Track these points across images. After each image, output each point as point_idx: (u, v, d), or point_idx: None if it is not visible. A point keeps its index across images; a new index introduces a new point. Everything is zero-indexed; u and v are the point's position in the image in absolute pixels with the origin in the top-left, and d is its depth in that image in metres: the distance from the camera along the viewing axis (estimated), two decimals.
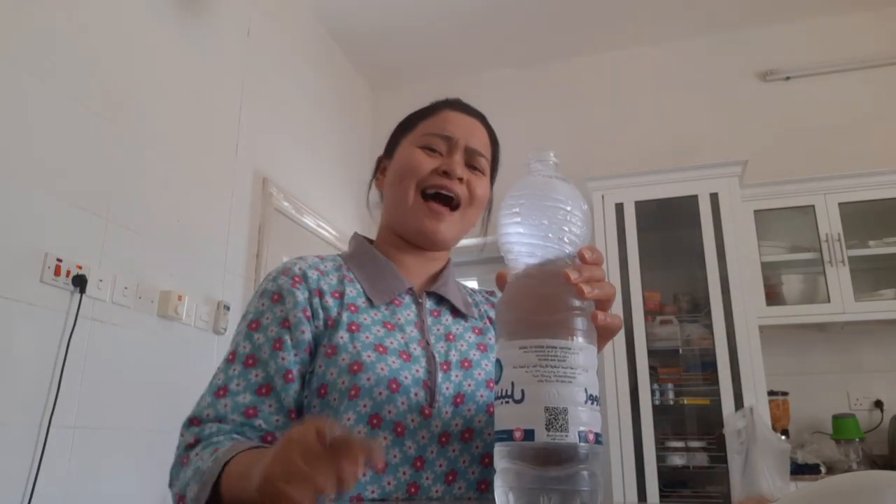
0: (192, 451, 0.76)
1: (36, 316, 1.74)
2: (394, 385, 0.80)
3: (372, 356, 0.81)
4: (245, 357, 0.83)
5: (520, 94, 3.83)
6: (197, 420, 0.80)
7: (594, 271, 0.55)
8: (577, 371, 0.50)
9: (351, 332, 0.84)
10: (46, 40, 1.84)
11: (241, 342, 0.85)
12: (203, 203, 2.47)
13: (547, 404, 0.49)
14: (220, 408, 0.79)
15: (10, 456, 1.64)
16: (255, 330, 0.85)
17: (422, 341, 0.87)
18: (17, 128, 1.74)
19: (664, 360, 2.96)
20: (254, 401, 0.80)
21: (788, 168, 3.17)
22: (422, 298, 0.93)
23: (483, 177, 0.97)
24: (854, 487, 0.43)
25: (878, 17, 3.34)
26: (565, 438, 0.48)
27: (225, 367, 0.84)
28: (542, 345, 0.51)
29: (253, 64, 2.86)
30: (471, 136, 0.96)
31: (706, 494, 2.75)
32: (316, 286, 0.87)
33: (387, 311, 0.89)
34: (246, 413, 0.79)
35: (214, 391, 0.82)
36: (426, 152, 0.94)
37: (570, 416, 0.49)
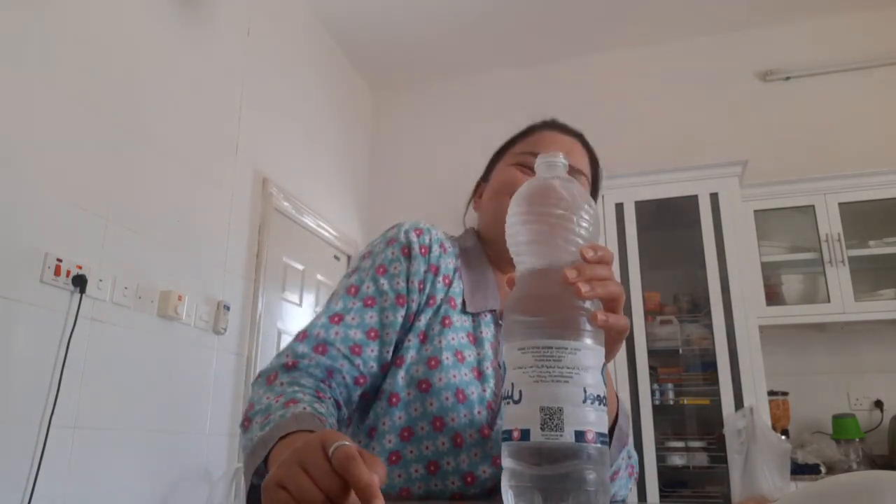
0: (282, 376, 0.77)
1: (36, 316, 1.74)
2: (461, 395, 0.81)
3: (450, 359, 0.83)
4: (367, 296, 0.85)
5: (519, 94, 3.83)
6: (305, 335, 0.81)
7: (597, 270, 0.54)
8: (575, 371, 0.50)
9: (443, 325, 0.86)
10: (47, 40, 1.84)
11: (366, 280, 0.86)
12: (203, 203, 2.47)
13: (542, 404, 0.49)
14: (331, 333, 0.81)
15: (10, 456, 1.64)
16: (382, 274, 0.87)
17: (494, 361, 0.88)
18: (18, 128, 1.74)
19: (664, 360, 2.96)
20: (362, 339, 0.82)
21: (788, 168, 3.17)
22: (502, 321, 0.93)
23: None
24: (854, 487, 0.43)
25: (878, 17, 3.34)
26: (560, 438, 0.48)
27: (345, 296, 0.85)
28: (538, 345, 0.51)
29: (253, 64, 2.86)
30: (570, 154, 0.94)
31: (706, 494, 2.75)
32: (435, 263, 0.89)
33: (473, 321, 0.90)
34: (352, 349, 0.81)
35: (330, 315, 0.83)
36: (522, 169, 0.94)
37: (565, 415, 0.49)
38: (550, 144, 0.95)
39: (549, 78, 3.82)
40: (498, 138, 1.05)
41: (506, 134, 1.05)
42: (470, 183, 1.07)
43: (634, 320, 2.91)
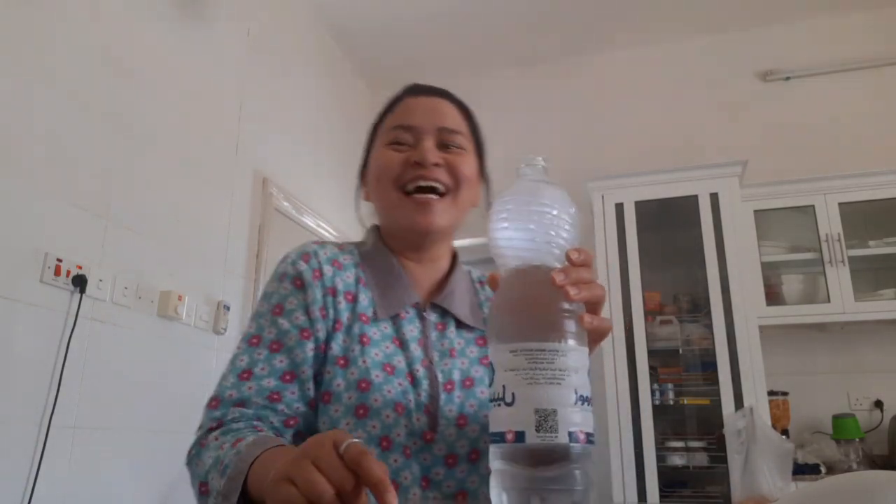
0: (212, 435, 0.75)
1: (36, 316, 1.74)
2: (399, 408, 0.80)
3: (380, 376, 0.81)
4: (270, 342, 0.82)
5: (520, 94, 3.83)
6: (218, 400, 0.79)
7: (582, 273, 0.55)
8: (566, 373, 0.51)
9: (363, 344, 0.83)
10: (46, 40, 1.84)
11: (265, 325, 0.84)
12: (203, 203, 2.47)
13: (537, 406, 0.50)
14: (245, 390, 0.79)
15: (10, 456, 1.64)
16: (280, 314, 0.84)
17: (425, 360, 0.86)
18: (18, 128, 1.74)
19: (664, 360, 2.96)
20: (278, 386, 0.79)
21: (788, 168, 3.17)
22: (426, 312, 0.90)
23: (464, 153, 0.91)
24: (854, 487, 0.43)
25: (878, 17, 3.34)
26: (555, 439, 0.49)
27: (249, 349, 0.83)
28: (532, 348, 0.51)
29: (253, 64, 2.86)
30: (437, 116, 0.91)
31: (706, 494, 2.75)
32: (331, 284, 0.86)
33: (393, 325, 0.88)
34: (270, 397, 0.79)
35: (238, 373, 0.80)
36: (394, 148, 0.90)
37: (559, 417, 0.49)
38: (415, 110, 0.91)
39: (549, 78, 3.82)
40: (498, 138, 1.05)
41: (506, 134, 1.04)
42: None
43: (634, 320, 2.91)
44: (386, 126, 0.94)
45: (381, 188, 0.90)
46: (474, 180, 0.93)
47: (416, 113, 0.91)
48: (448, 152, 0.90)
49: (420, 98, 0.94)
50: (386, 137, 0.92)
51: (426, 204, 0.87)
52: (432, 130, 0.90)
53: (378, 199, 0.93)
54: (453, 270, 0.96)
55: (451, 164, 0.89)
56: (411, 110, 0.92)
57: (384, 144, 0.92)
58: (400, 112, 0.93)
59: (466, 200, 0.92)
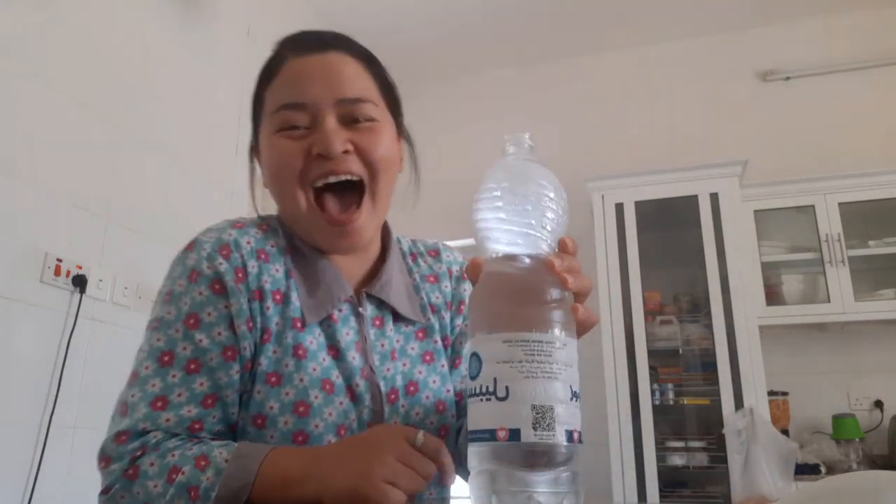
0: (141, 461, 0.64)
1: (36, 316, 1.74)
2: (342, 431, 0.72)
3: (319, 397, 0.71)
4: (187, 360, 0.69)
5: (520, 94, 3.83)
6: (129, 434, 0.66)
7: (573, 262, 0.52)
8: (562, 367, 0.47)
9: (297, 357, 0.72)
10: (46, 40, 1.84)
11: (178, 340, 0.70)
12: (203, 203, 2.47)
13: (534, 402, 0.46)
14: (161, 422, 0.67)
15: (10, 456, 1.64)
16: (195, 328, 0.70)
17: (364, 369, 0.76)
18: (18, 128, 1.74)
19: (664, 360, 2.96)
20: (200, 413, 0.68)
21: (788, 168, 3.17)
22: (362, 307, 0.79)
23: (375, 126, 0.76)
24: (854, 487, 0.43)
25: (878, 17, 3.34)
26: (553, 438, 0.46)
27: (160, 371, 0.69)
28: (529, 339, 0.47)
29: (253, 64, 2.85)
30: (333, 83, 0.74)
31: (706, 494, 2.75)
32: (256, 286, 0.73)
33: (328, 329, 0.76)
34: (191, 428, 0.68)
35: (150, 401, 0.68)
36: (287, 135, 0.74)
37: (556, 414, 0.46)
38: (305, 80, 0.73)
39: (549, 78, 3.82)
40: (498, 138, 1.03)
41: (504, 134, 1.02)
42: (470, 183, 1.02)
43: (634, 320, 2.91)
44: (270, 102, 0.76)
45: (283, 187, 0.75)
46: (394, 155, 0.79)
47: (307, 83, 0.73)
48: (356, 129, 0.74)
49: (307, 58, 0.75)
50: (274, 120, 0.75)
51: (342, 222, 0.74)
52: (331, 104, 0.73)
53: (282, 201, 0.77)
54: (387, 254, 0.84)
55: (363, 148, 0.74)
56: (300, 80, 0.74)
57: (274, 130, 0.75)
58: (284, 83, 0.75)
59: (389, 183, 0.78)
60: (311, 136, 0.73)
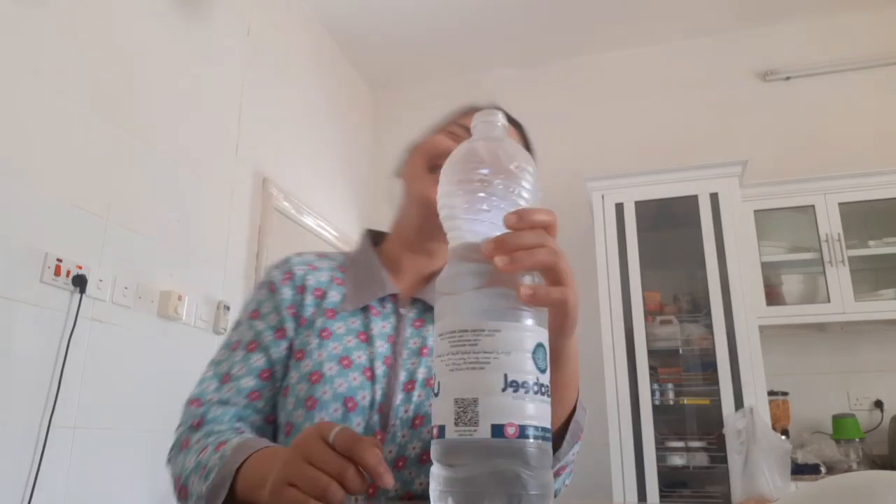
0: (193, 435, 0.76)
1: (36, 316, 1.74)
2: (350, 404, 0.77)
3: (333, 369, 0.79)
4: (248, 343, 0.85)
5: (520, 94, 3.82)
6: (199, 401, 0.80)
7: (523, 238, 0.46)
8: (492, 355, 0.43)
9: (321, 338, 0.83)
10: (46, 40, 1.84)
11: (244, 331, 0.86)
12: (203, 203, 2.47)
13: (456, 396, 0.43)
14: (224, 392, 0.80)
15: (10, 456, 1.64)
16: (256, 318, 0.87)
17: (388, 358, 0.82)
18: (18, 128, 1.74)
19: (664, 360, 2.96)
20: (257, 384, 0.81)
21: (788, 168, 3.17)
22: (405, 308, 0.88)
23: None
24: (854, 487, 0.43)
25: (878, 17, 3.34)
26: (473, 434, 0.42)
27: (229, 353, 0.85)
28: (455, 329, 0.45)
29: (253, 64, 2.86)
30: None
31: (706, 494, 2.75)
32: (301, 283, 0.89)
33: (363, 318, 0.86)
34: (251, 396, 0.80)
35: (220, 377, 0.82)
36: (445, 135, 0.92)
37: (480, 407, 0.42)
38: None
39: (549, 78, 3.82)
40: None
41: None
42: None
43: (634, 320, 2.91)
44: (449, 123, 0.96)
45: (417, 162, 0.92)
46: None
47: None
48: None
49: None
50: (446, 130, 0.94)
51: None
52: None
53: (408, 172, 0.94)
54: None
55: None
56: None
57: (441, 132, 0.94)
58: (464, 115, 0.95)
59: None
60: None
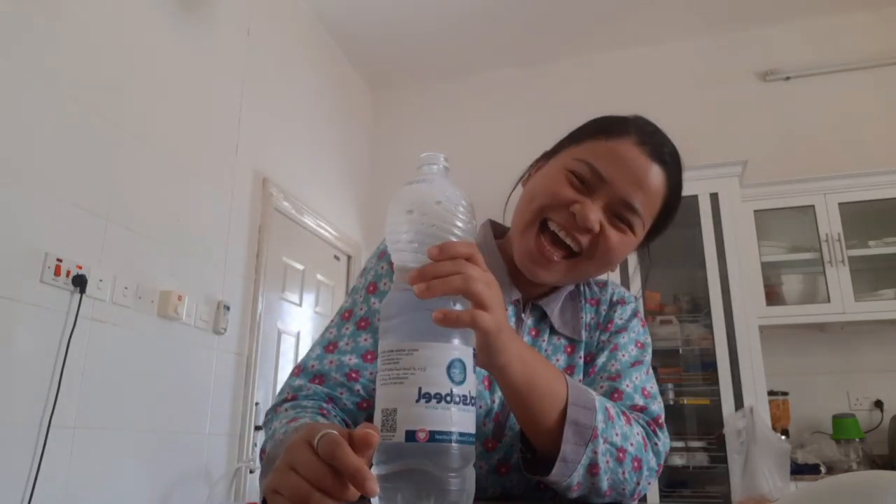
0: (285, 405, 0.77)
1: (36, 316, 1.74)
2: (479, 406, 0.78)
3: None
4: (359, 318, 0.83)
5: (519, 94, 3.82)
6: (301, 369, 0.81)
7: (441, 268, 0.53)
8: (409, 372, 0.51)
9: None
10: (46, 40, 1.84)
11: (358, 302, 0.85)
12: (203, 203, 2.47)
13: (382, 406, 0.52)
14: (325, 364, 0.80)
15: (10, 456, 1.64)
16: (372, 293, 0.84)
17: None
18: (18, 128, 1.74)
19: (664, 360, 2.96)
20: (358, 364, 0.80)
21: (788, 168, 3.17)
22: (525, 314, 0.87)
23: (626, 233, 0.80)
24: (854, 487, 0.43)
25: (878, 17, 3.34)
26: (392, 438, 0.50)
27: (339, 322, 0.84)
28: (384, 349, 0.54)
29: (253, 64, 2.86)
30: (634, 186, 0.78)
31: (706, 494, 2.75)
32: None
33: None
34: (349, 375, 0.79)
35: (325, 345, 0.82)
36: (568, 178, 0.80)
37: (398, 415, 0.50)
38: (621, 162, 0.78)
39: (549, 78, 3.82)
40: (498, 138, 1.03)
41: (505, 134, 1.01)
42: (470, 183, 1.02)
43: None
44: (584, 147, 0.82)
45: (528, 206, 0.82)
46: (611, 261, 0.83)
47: (618, 167, 0.79)
48: (612, 223, 0.80)
49: (637, 152, 0.80)
50: (570, 162, 0.81)
51: (546, 261, 0.80)
52: (616, 196, 0.78)
53: (519, 209, 0.85)
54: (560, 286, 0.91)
55: (605, 237, 0.79)
56: (617, 159, 0.79)
57: (563, 167, 0.81)
58: (606, 149, 0.80)
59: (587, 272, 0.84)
60: (582, 198, 0.78)
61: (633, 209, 0.79)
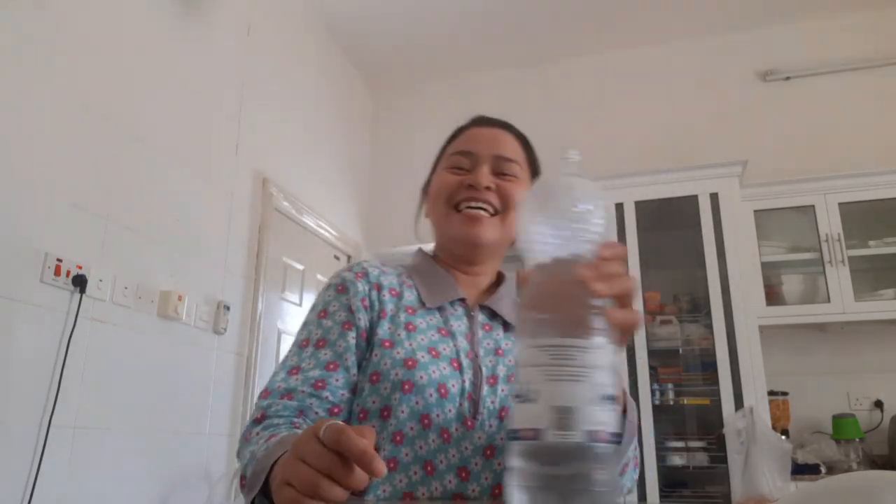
0: (255, 428, 0.79)
1: (36, 316, 1.74)
2: (443, 390, 0.83)
3: (426, 357, 0.85)
4: (317, 341, 0.88)
5: (520, 94, 3.82)
6: (267, 392, 0.84)
7: (611, 267, 0.54)
8: (588, 370, 0.50)
9: (408, 330, 0.88)
10: (46, 40, 1.84)
11: (313, 329, 0.90)
12: (203, 203, 2.47)
13: (555, 403, 0.49)
14: (292, 382, 0.83)
15: (10, 456, 1.64)
16: (324, 317, 0.90)
17: (470, 353, 0.88)
18: (18, 128, 1.74)
19: (664, 360, 2.96)
20: (322, 374, 0.84)
21: (788, 168, 3.17)
22: (474, 311, 0.95)
23: (516, 181, 0.97)
24: (854, 487, 0.43)
25: (878, 17, 3.34)
26: (571, 438, 0.48)
27: (297, 351, 0.89)
28: (555, 343, 0.51)
29: (253, 64, 2.86)
30: (495, 145, 0.97)
31: (706, 494, 2.75)
32: (376, 281, 0.93)
33: (440, 317, 0.92)
34: (315, 385, 0.83)
35: (288, 370, 0.86)
36: (453, 172, 0.97)
37: (578, 415, 0.49)
38: (476, 139, 0.98)
39: (549, 78, 3.82)
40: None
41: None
42: None
43: None
44: (448, 152, 1.01)
45: (437, 205, 0.97)
46: None
47: (477, 141, 0.98)
48: (502, 179, 0.95)
49: (483, 129, 1.01)
50: (447, 162, 0.99)
51: (475, 217, 0.93)
52: (489, 157, 0.96)
53: (433, 215, 1.00)
54: (501, 282, 1.02)
55: (502, 189, 0.94)
56: (473, 139, 0.99)
57: (445, 168, 0.99)
58: (462, 140, 1.00)
59: (513, 224, 0.96)
60: (468, 175, 0.96)
61: (507, 158, 0.96)
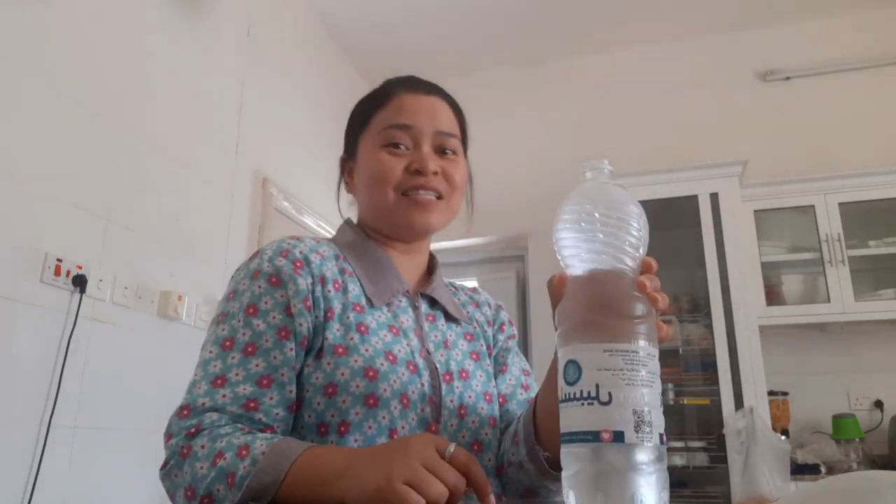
0: (194, 442, 0.69)
1: (36, 316, 1.74)
2: (405, 400, 0.78)
3: (385, 364, 0.78)
4: (245, 345, 0.77)
5: (520, 94, 3.82)
6: (190, 409, 0.73)
7: (657, 281, 0.58)
8: (655, 376, 0.54)
9: (361, 333, 0.80)
10: (46, 40, 1.84)
11: (238, 328, 0.78)
12: (203, 203, 2.47)
13: (635, 407, 0.51)
14: (218, 398, 0.73)
15: (10, 456, 1.64)
16: (253, 315, 0.78)
17: (423, 350, 0.85)
18: (18, 128, 1.74)
19: (664, 360, 2.87)
20: (255, 392, 0.74)
21: (788, 168, 3.17)
22: (418, 302, 0.91)
23: (458, 159, 0.91)
24: (854, 487, 0.43)
25: (878, 17, 3.34)
26: (651, 440, 0.50)
27: (220, 353, 0.77)
28: (628, 349, 0.53)
29: (253, 64, 2.86)
30: (434, 117, 0.89)
31: (706, 494, 2.75)
32: (319, 273, 0.82)
33: (388, 312, 0.86)
34: (246, 406, 0.73)
35: (211, 380, 0.75)
36: (391, 151, 0.87)
37: (653, 418, 0.51)
38: (413, 110, 0.89)
39: (548, 77, 3.82)
40: (498, 138, 1.05)
41: (506, 133, 1.03)
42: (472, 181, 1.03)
43: None
44: (377, 123, 0.90)
45: (378, 191, 0.88)
46: (464, 187, 0.94)
47: (414, 113, 0.89)
48: (444, 158, 0.90)
49: (418, 96, 0.91)
50: (382, 136, 0.88)
51: (427, 204, 0.87)
52: (430, 134, 0.88)
53: (372, 199, 0.90)
54: (435, 267, 0.98)
55: (448, 173, 0.89)
56: (409, 110, 0.89)
57: (380, 145, 0.88)
58: (395, 109, 0.89)
59: (455, 206, 0.93)
60: (412, 155, 0.88)
61: (447, 133, 0.90)
